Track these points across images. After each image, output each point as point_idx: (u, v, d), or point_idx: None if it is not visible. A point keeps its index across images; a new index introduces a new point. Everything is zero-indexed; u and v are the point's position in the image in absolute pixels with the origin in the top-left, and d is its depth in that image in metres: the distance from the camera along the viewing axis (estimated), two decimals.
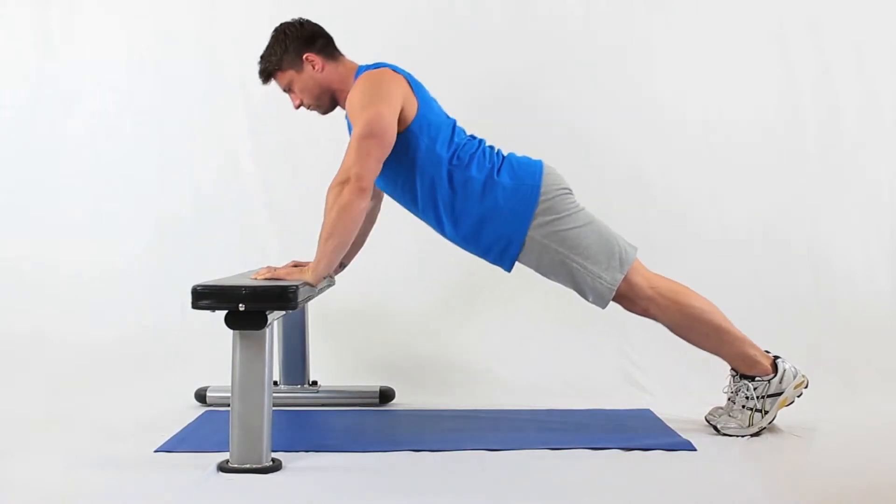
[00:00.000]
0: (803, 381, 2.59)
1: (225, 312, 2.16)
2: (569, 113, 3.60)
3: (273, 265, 2.56)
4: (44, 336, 3.43)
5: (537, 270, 2.57)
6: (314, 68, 2.57)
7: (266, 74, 2.61)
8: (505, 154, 2.59)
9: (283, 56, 2.57)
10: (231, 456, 2.18)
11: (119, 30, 3.70)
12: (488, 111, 3.60)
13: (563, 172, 2.62)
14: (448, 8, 3.65)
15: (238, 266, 3.00)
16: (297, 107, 2.63)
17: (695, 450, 2.39)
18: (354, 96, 2.45)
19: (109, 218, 3.65)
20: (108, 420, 2.70)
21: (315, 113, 2.68)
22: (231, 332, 2.17)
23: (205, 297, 2.17)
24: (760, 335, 2.68)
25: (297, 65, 2.57)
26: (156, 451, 2.36)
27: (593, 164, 3.55)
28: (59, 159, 3.68)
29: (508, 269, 2.57)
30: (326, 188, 2.40)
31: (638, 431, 2.58)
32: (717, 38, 3.61)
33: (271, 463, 2.19)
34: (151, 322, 3.49)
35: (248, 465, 2.17)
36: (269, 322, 2.17)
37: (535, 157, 2.63)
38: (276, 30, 2.62)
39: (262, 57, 2.61)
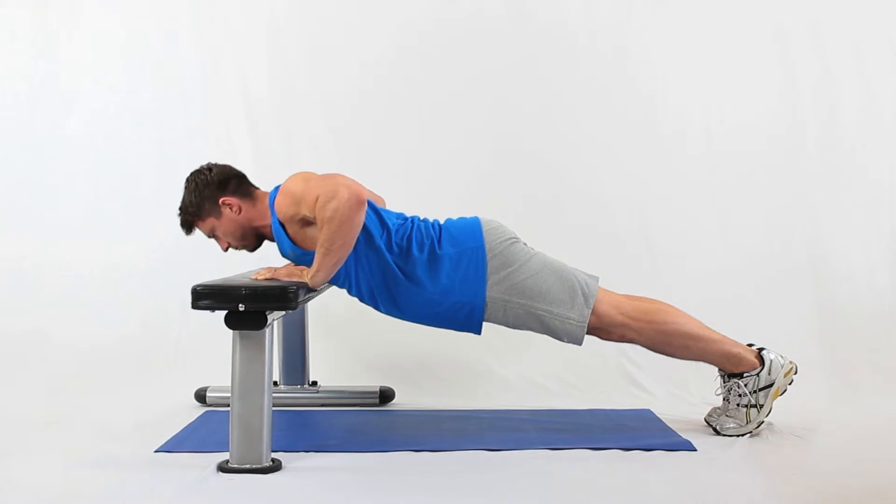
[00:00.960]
0: (792, 368, 2.58)
1: (225, 312, 2.16)
2: (569, 114, 3.60)
3: (273, 265, 2.56)
4: (44, 336, 3.43)
5: (507, 325, 2.54)
6: (232, 210, 2.52)
7: (188, 226, 2.56)
8: (441, 223, 2.57)
9: (199, 205, 2.51)
10: (231, 456, 2.18)
11: (119, 30, 3.70)
12: (488, 111, 3.61)
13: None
14: (448, 8, 3.65)
15: (238, 266, 3.00)
16: (226, 249, 2.60)
17: (695, 450, 2.39)
18: (289, 189, 2.40)
19: (109, 218, 3.65)
20: (108, 420, 2.70)
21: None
22: (231, 332, 2.17)
23: (205, 297, 2.17)
24: (760, 335, 2.68)
25: (216, 211, 2.52)
26: (156, 452, 2.36)
27: (594, 163, 3.56)
28: (59, 159, 3.68)
29: (478, 332, 2.54)
30: None
31: (638, 431, 2.58)
32: (717, 40, 3.62)
33: (271, 463, 2.19)
34: (151, 322, 3.49)
35: (248, 465, 2.17)
36: (269, 322, 2.17)
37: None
38: (188, 180, 2.55)
39: (179, 209, 2.55)
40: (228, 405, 2.21)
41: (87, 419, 2.72)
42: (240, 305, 2.14)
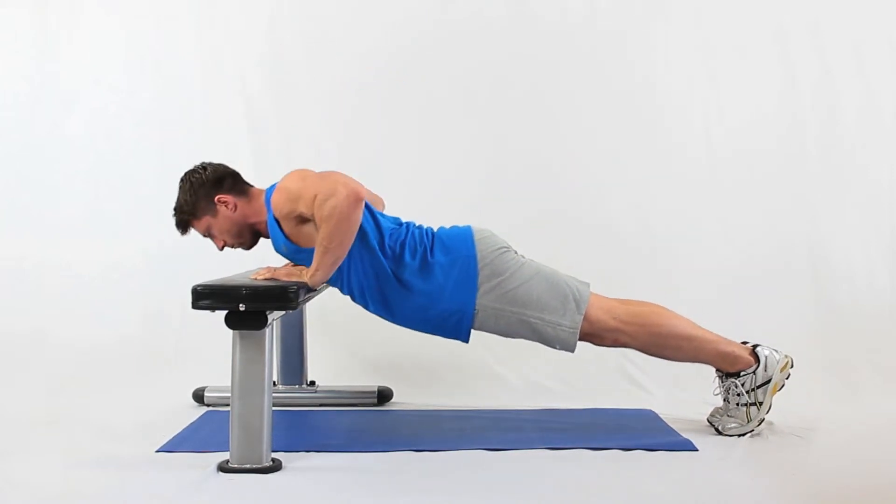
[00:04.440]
0: (788, 362, 2.57)
1: (225, 312, 2.16)
2: (568, 115, 3.60)
3: (272, 265, 2.57)
4: (44, 336, 3.43)
5: (498, 333, 2.55)
6: (228, 208, 2.53)
7: (183, 225, 2.57)
8: (434, 230, 2.57)
9: (195, 204, 2.52)
10: (231, 456, 2.18)
11: (119, 30, 3.70)
12: (488, 110, 3.61)
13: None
14: (448, 7, 3.65)
15: (238, 266, 3.00)
16: (221, 248, 2.60)
17: (696, 450, 2.39)
18: (287, 186, 2.42)
19: (109, 218, 3.65)
20: (108, 420, 2.70)
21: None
22: (231, 332, 2.17)
23: (205, 297, 2.17)
24: (760, 335, 2.68)
25: (211, 209, 2.52)
26: (156, 452, 2.36)
27: (594, 163, 3.56)
28: (59, 159, 3.68)
29: (466, 340, 2.54)
30: None
31: (639, 431, 2.58)
32: (717, 40, 3.62)
33: (271, 463, 2.19)
34: (151, 322, 3.49)
35: (248, 465, 2.17)
36: (269, 322, 2.17)
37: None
38: (182, 179, 2.56)
39: (174, 209, 2.56)
40: (227, 405, 2.21)
41: (87, 419, 2.72)
42: (240, 305, 2.14)
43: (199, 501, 1.99)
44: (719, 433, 2.55)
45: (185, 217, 2.55)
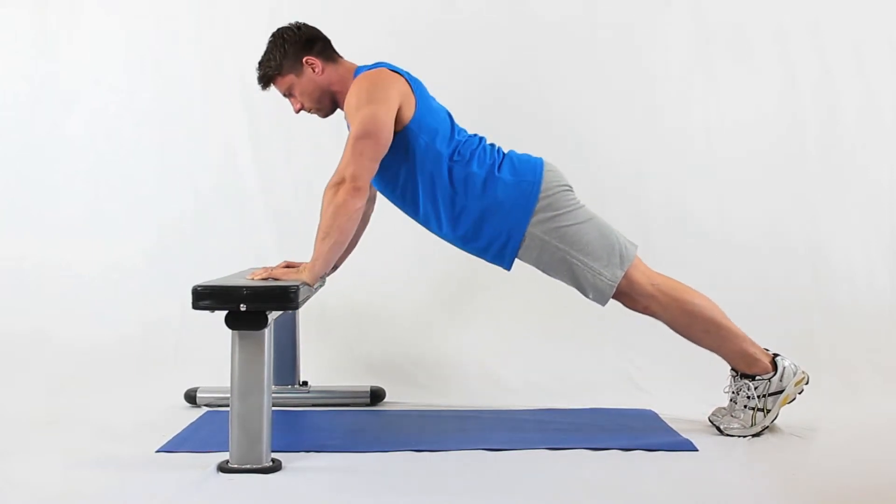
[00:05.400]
0: (804, 378, 2.59)
1: (225, 313, 2.16)
2: (568, 114, 3.61)
3: (269, 266, 2.57)
4: (44, 336, 3.43)
5: (537, 267, 2.57)
6: (314, 71, 2.56)
7: (266, 80, 2.60)
8: (506, 151, 2.59)
9: (282, 61, 2.56)
10: (231, 456, 2.18)
11: (119, 30, 3.70)
12: (487, 107, 3.60)
13: (565, 172, 2.62)
14: (448, 7, 3.65)
15: (238, 266, 3.00)
16: (298, 111, 2.63)
17: (696, 450, 2.39)
18: (352, 97, 2.46)
19: (109, 218, 3.65)
20: (108, 420, 2.70)
21: (310, 118, 2.68)
22: (231, 332, 2.17)
23: (205, 297, 2.17)
24: (760, 335, 2.68)
25: (297, 69, 2.56)
26: (156, 452, 2.36)
27: (594, 164, 3.56)
28: (59, 159, 3.68)
29: (508, 266, 2.57)
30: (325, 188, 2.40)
31: (639, 431, 2.58)
32: (717, 40, 3.62)
33: (271, 463, 2.19)
34: (151, 322, 3.49)
35: (248, 466, 2.17)
36: (269, 322, 2.17)
37: (535, 153, 2.64)
38: (274, 34, 2.60)
39: (260, 63, 2.60)
40: (219, 405, 2.20)
41: (87, 419, 2.72)
42: (241, 306, 2.14)
43: (199, 501, 1.99)
44: (720, 432, 2.55)
45: (270, 73, 2.57)
